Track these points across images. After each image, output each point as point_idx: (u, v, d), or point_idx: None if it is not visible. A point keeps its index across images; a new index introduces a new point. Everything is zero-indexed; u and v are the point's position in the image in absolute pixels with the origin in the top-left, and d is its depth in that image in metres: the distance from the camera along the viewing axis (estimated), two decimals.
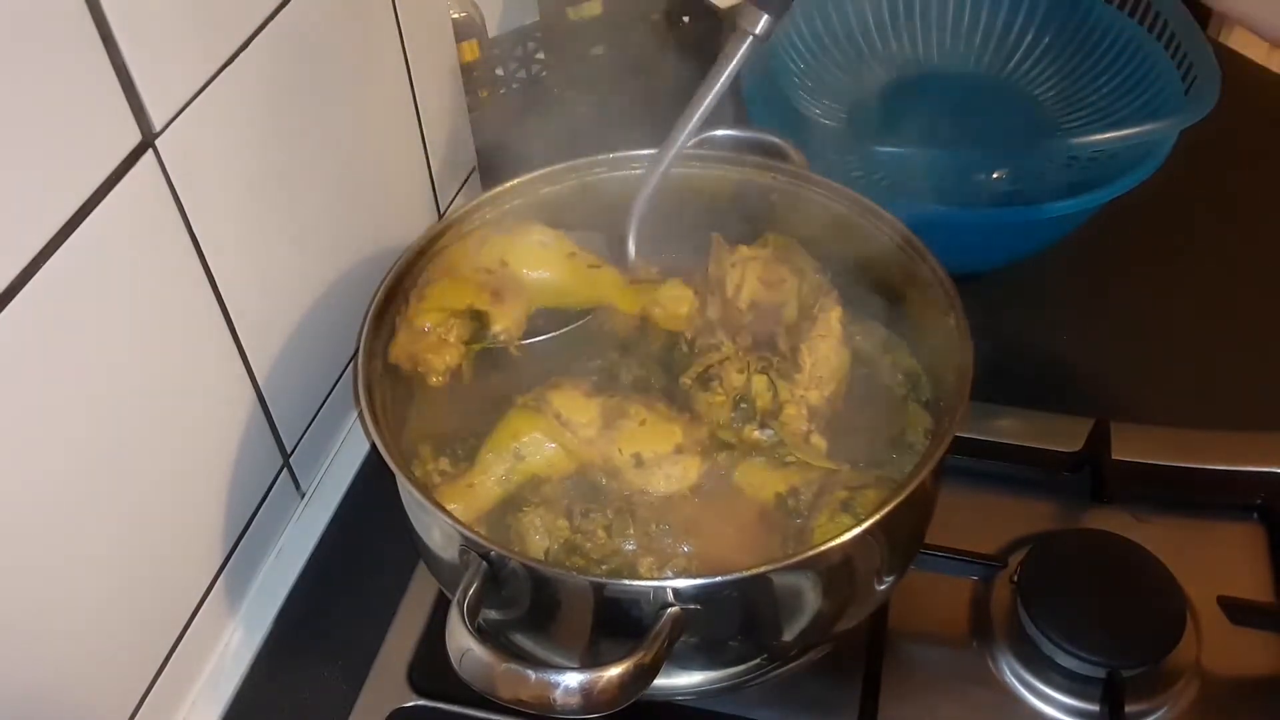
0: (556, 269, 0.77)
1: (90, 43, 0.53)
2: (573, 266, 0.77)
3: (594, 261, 0.78)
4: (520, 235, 0.77)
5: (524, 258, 0.76)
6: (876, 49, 1.10)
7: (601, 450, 0.69)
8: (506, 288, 0.74)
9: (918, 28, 1.11)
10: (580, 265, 0.77)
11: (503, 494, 0.69)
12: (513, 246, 0.76)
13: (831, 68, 1.08)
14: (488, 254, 0.76)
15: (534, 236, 0.77)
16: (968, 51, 1.09)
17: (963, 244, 0.84)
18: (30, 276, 0.51)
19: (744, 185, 0.80)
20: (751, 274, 0.77)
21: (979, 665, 0.72)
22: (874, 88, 1.08)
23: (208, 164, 0.63)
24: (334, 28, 0.74)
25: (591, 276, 0.77)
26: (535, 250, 0.76)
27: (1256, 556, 0.78)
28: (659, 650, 0.55)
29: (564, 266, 0.77)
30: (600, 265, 0.78)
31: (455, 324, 0.72)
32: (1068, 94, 1.04)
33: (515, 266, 0.76)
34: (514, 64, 1.18)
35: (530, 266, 0.76)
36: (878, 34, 1.11)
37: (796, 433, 0.71)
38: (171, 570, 0.69)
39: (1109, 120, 0.98)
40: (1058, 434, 0.83)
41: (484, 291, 0.74)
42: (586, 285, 0.77)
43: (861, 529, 0.57)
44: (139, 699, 0.67)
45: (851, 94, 1.07)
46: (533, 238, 0.77)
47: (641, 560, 0.65)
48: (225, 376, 0.70)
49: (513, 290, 0.74)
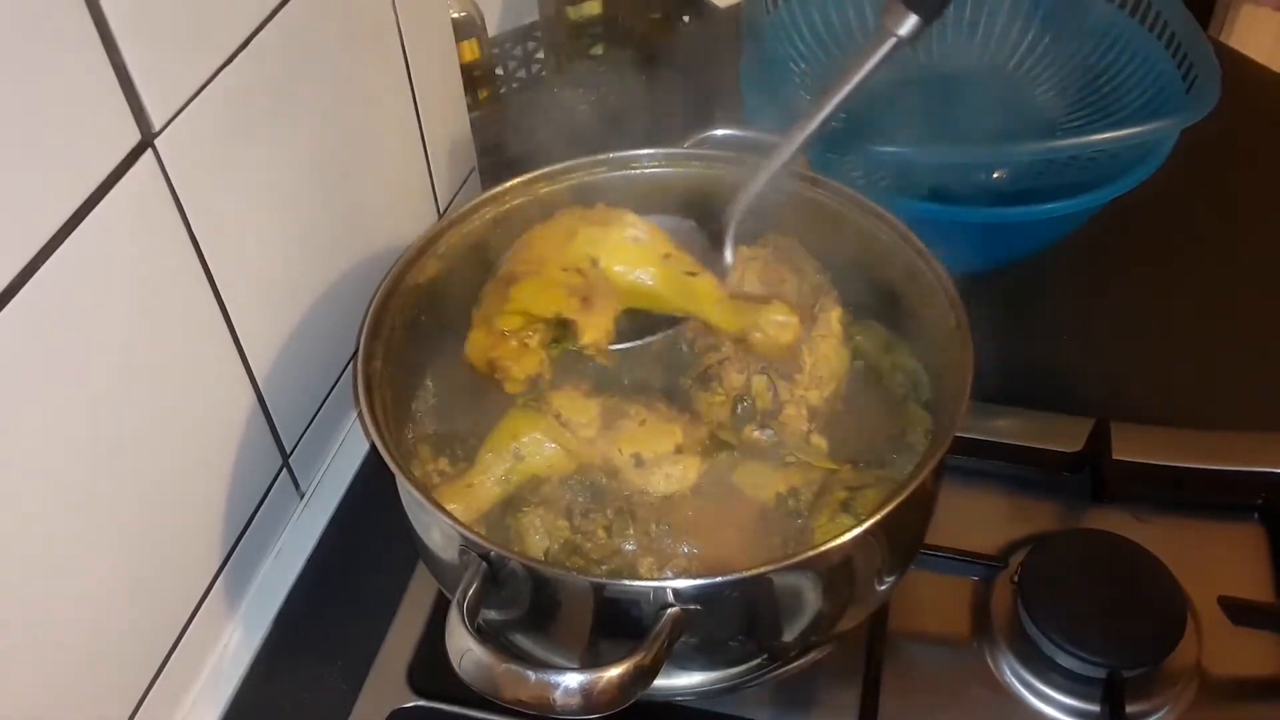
0: (651, 272, 0.71)
1: (90, 42, 0.52)
2: (668, 271, 0.71)
3: (691, 267, 0.71)
4: (613, 228, 0.71)
5: (616, 256, 0.70)
6: None
7: (601, 450, 0.69)
8: (596, 291, 0.69)
9: None
10: (676, 270, 0.71)
11: (502, 494, 0.68)
12: (605, 243, 0.70)
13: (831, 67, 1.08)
14: (577, 250, 0.70)
15: (627, 231, 0.71)
16: (968, 51, 1.09)
17: (963, 244, 0.84)
18: (29, 276, 0.51)
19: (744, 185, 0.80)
20: (751, 274, 0.77)
21: (979, 665, 0.72)
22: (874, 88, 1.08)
23: (207, 164, 0.63)
24: (333, 27, 0.74)
25: (687, 285, 0.71)
26: (629, 248, 0.70)
27: (1257, 557, 0.78)
28: (659, 651, 0.55)
29: (659, 270, 0.71)
30: (698, 273, 0.71)
31: (539, 329, 0.67)
32: (1068, 93, 1.04)
33: (606, 265, 0.70)
34: (514, 64, 1.18)
35: (623, 267, 0.70)
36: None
37: (797, 433, 0.71)
38: (171, 570, 0.68)
39: (1109, 120, 0.98)
40: (1058, 434, 0.83)
41: (573, 297, 0.68)
42: (681, 293, 0.71)
43: (862, 529, 0.57)
44: (138, 699, 0.67)
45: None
46: (626, 232, 0.71)
47: (641, 560, 0.65)
48: (224, 376, 0.70)
49: (602, 294, 0.69)
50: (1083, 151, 0.91)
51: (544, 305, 0.67)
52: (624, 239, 0.70)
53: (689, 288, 0.71)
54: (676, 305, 0.71)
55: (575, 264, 0.69)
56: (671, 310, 0.71)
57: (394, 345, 0.71)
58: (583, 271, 0.69)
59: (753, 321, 0.71)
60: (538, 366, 0.67)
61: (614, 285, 0.70)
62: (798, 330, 0.71)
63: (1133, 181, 0.86)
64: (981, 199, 0.87)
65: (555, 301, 0.67)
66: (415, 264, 0.74)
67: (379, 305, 0.71)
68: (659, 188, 0.80)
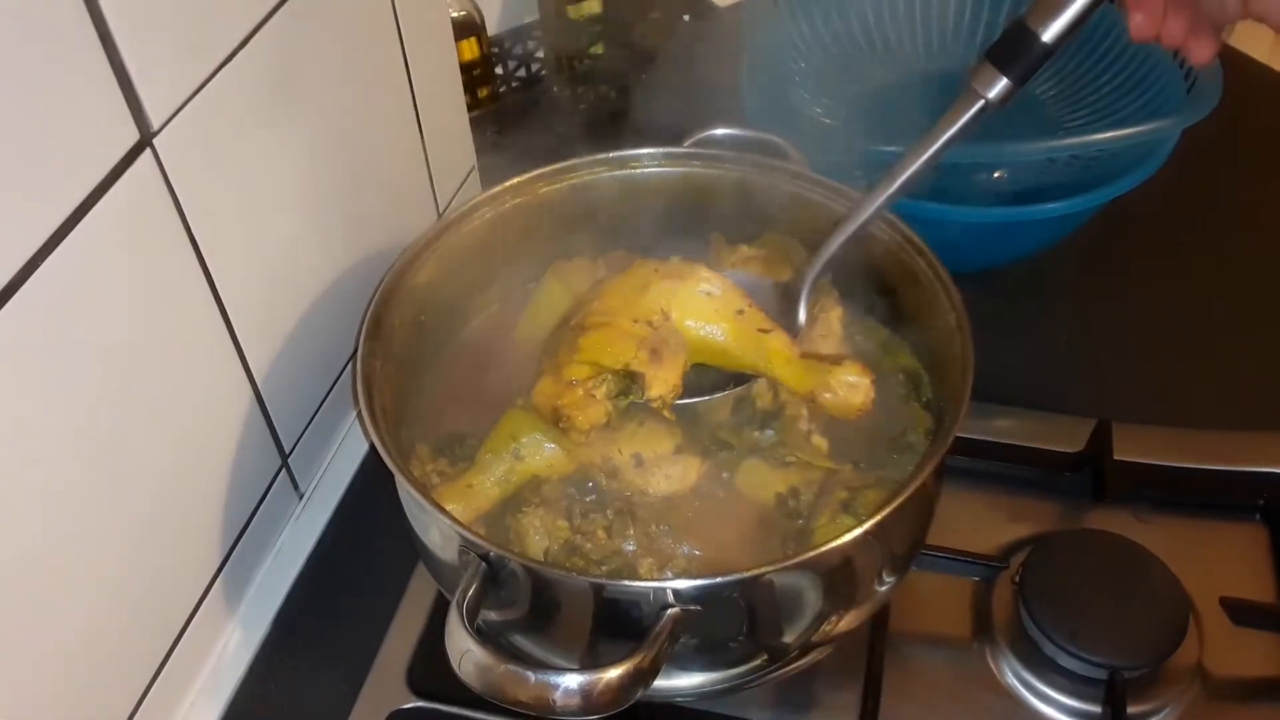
0: (723, 328, 0.70)
1: (88, 42, 0.52)
2: (740, 328, 0.70)
3: (764, 324, 0.70)
4: (688, 282, 0.70)
5: (689, 309, 0.70)
6: (876, 49, 1.10)
7: (601, 450, 0.69)
8: (666, 345, 0.68)
9: (918, 27, 1.11)
10: (749, 327, 0.70)
11: (502, 494, 0.68)
12: (677, 296, 0.70)
13: (831, 68, 1.08)
14: (649, 302, 0.70)
15: (701, 285, 0.70)
16: (968, 51, 1.09)
17: (963, 244, 0.84)
18: (27, 276, 0.51)
19: (744, 185, 0.80)
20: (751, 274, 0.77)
21: (980, 666, 0.72)
22: (874, 88, 1.08)
23: (206, 163, 0.63)
24: (333, 27, 0.74)
25: (759, 342, 0.70)
26: (702, 302, 0.70)
27: (1259, 557, 0.78)
28: (659, 651, 0.54)
29: (731, 326, 0.70)
30: (770, 330, 0.70)
31: (606, 381, 0.67)
32: (1069, 93, 1.04)
33: (679, 319, 0.70)
34: (514, 64, 1.18)
35: (695, 321, 0.70)
36: (877, 34, 1.10)
37: (797, 433, 0.71)
38: (170, 571, 0.68)
39: (1110, 119, 0.98)
40: (1059, 434, 0.83)
41: (643, 350, 0.68)
42: (752, 350, 0.70)
43: (862, 530, 0.57)
44: (138, 699, 0.67)
45: (851, 94, 1.06)
46: (700, 286, 0.70)
47: (641, 561, 0.65)
48: (223, 376, 0.70)
49: (672, 348, 0.68)
50: (1083, 151, 0.91)
51: (613, 357, 0.68)
52: (697, 293, 0.70)
53: (761, 345, 0.70)
54: (747, 362, 0.70)
55: (647, 316, 0.69)
56: (741, 367, 0.71)
57: (394, 345, 0.71)
58: (654, 324, 0.69)
59: (823, 382, 0.69)
60: (603, 416, 0.67)
61: (685, 339, 0.70)
62: (869, 392, 0.69)
63: (1133, 181, 0.86)
64: (981, 199, 0.87)
65: (624, 354, 0.68)
66: (415, 264, 0.74)
67: (379, 305, 0.70)
68: (659, 187, 0.80)
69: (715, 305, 0.70)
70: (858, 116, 1.04)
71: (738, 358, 0.70)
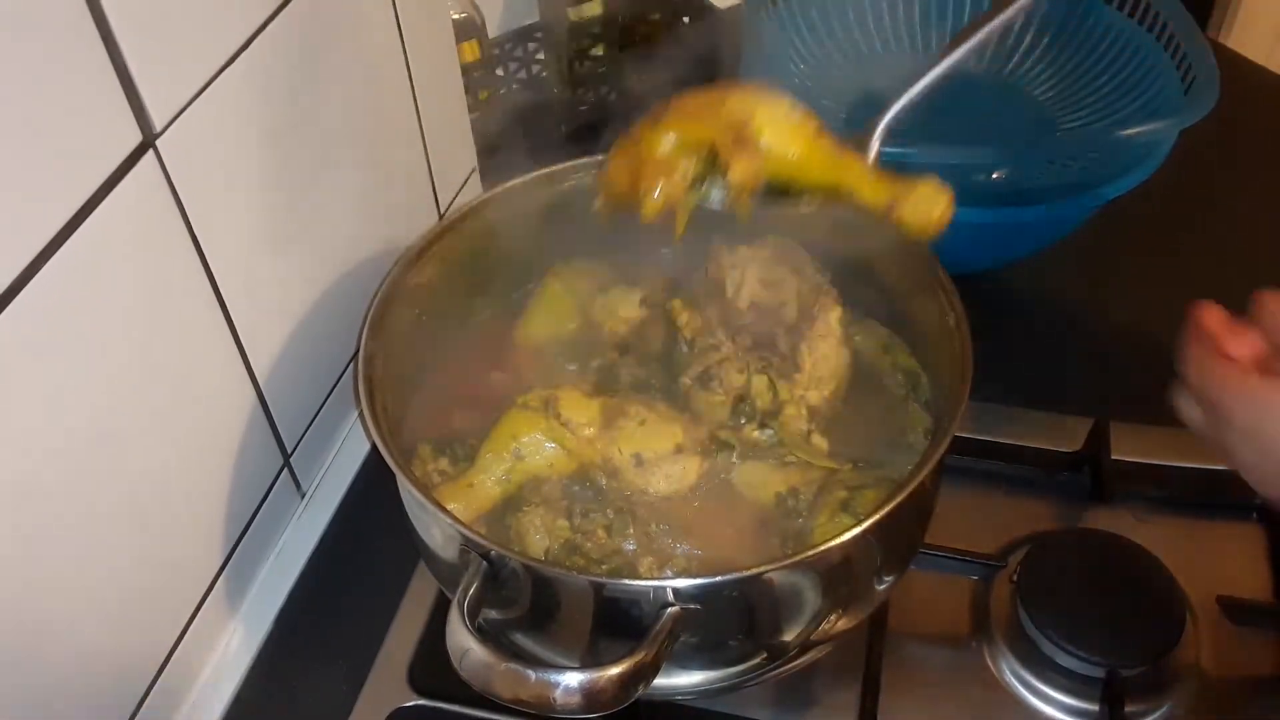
0: (802, 143, 0.67)
1: (91, 43, 0.53)
2: (821, 145, 0.67)
3: (839, 146, 0.68)
4: (767, 97, 0.68)
5: (770, 122, 0.66)
6: (876, 49, 1.11)
7: (601, 450, 0.69)
8: (750, 141, 0.65)
9: (917, 27, 1.11)
10: (828, 145, 0.68)
11: (502, 494, 0.69)
12: (759, 107, 0.67)
13: (831, 67, 1.08)
14: (733, 107, 0.66)
15: (782, 102, 0.67)
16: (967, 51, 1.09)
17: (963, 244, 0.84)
18: (30, 277, 0.51)
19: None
20: (751, 274, 0.77)
21: (979, 665, 0.72)
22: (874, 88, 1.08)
23: (208, 164, 0.63)
24: (334, 28, 0.74)
25: (837, 159, 0.68)
26: (782, 117, 0.67)
27: (1256, 556, 0.78)
28: (659, 650, 0.55)
29: (810, 142, 0.67)
30: (845, 152, 0.68)
31: (688, 159, 0.65)
32: (1067, 93, 1.04)
33: (758, 128, 0.66)
34: (514, 64, 1.18)
35: (778, 130, 0.67)
36: (877, 34, 1.11)
37: (796, 433, 0.72)
38: (171, 570, 0.69)
39: (1109, 120, 0.98)
40: (1057, 434, 0.83)
41: (728, 134, 0.65)
42: (830, 167, 0.67)
43: (861, 529, 0.57)
44: (139, 699, 0.67)
45: (851, 94, 1.07)
46: (781, 102, 0.67)
47: (641, 560, 0.65)
48: (226, 376, 0.70)
49: (755, 147, 0.65)
50: (1082, 151, 0.91)
51: (698, 131, 0.65)
52: (778, 107, 0.67)
53: (838, 161, 0.68)
54: (823, 177, 0.68)
55: (730, 118, 0.66)
56: (817, 182, 0.68)
57: (395, 345, 0.71)
58: (735, 125, 0.66)
59: (902, 194, 0.66)
60: (679, 193, 0.65)
61: (764, 148, 0.67)
62: (949, 206, 0.66)
63: (1132, 182, 0.86)
64: (981, 199, 0.87)
65: (711, 131, 0.65)
66: (415, 264, 0.74)
67: (380, 305, 0.71)
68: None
69: (794, 121, 0.67)
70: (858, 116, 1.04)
71: (814, 173, 0.68)
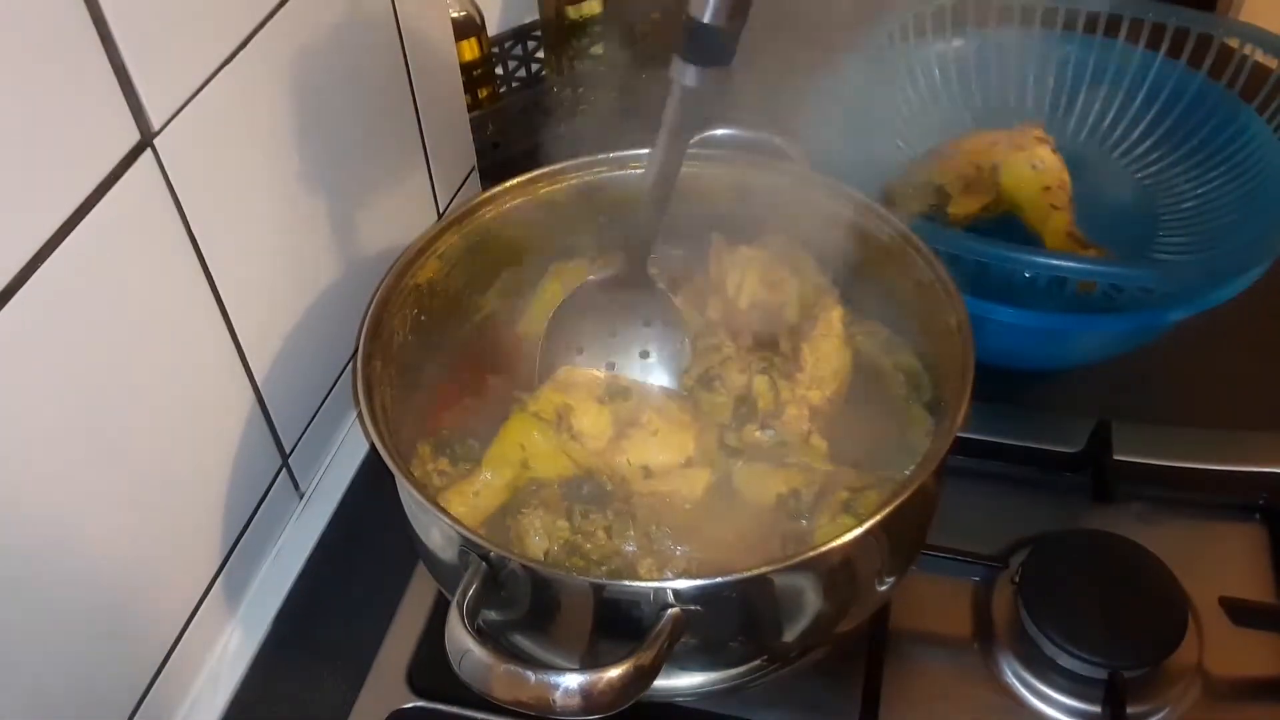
0: (1030, 193, 0.88)
1: (89, 42, 0.52)
2: (1040, 198, 0.88)
3: (1057, 202, 0.88)
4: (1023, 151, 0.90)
5: (1013, 171, 0.89)
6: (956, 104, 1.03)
7: (609, 461, 0.69)
8: (980, 185, 0.89)
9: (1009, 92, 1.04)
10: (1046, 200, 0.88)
11: (505, 497, 0.68)
12: (1008, 159, 0.90)
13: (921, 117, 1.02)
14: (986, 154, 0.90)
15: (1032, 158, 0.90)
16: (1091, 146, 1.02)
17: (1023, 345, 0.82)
18: (28, 276, 0.51)
19: (744, 185, 0.80)
20: (752, 274, 0.77)
21: (980, 666, 0.72)
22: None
23: (206, 164, 0.63)
24: (333, 27, 0.74)
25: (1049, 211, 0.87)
26: (1025, 171, 0.89)
27: (1258, 557, 0.78)
28: (659, 651, 0.55)
29: (1036, 194, 0.88)
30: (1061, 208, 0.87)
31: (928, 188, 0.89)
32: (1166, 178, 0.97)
33: (1002, 174, 0.89)
34: (514, 64, 1.18)
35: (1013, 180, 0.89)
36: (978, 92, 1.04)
37: (798, 433, 0.71)
38: (170, 570, 0.68)
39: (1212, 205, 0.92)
40: (1059, 434, 0.83)
41: (961, 178, 0.89)
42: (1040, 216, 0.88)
43: (863, 530, 0.57)
44: (138, 699, 0.67)
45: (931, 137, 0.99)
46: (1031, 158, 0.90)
47: (641, 561, 0.65)
48: (224, 376, 0.70)
49: (981, 190, 0.89)
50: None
51: (942, 175, 0.91)
52: (1026, 162, 0.90)
53: (1049, 215, 0.87)
54: (1029, 221, 0.89)
55: (977, 158, 0.91)
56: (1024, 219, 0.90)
57: (394, 345, 0.71)
58: (980, 167, 0.91)
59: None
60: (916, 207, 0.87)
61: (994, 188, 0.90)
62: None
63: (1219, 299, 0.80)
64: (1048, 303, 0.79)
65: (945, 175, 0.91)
66: (415, 264, 0.74)
67: (379, 305, 0.71)
68: None
69: (1034, 176, 0.89)
70: None
71: (1025, 214, 0.90)
